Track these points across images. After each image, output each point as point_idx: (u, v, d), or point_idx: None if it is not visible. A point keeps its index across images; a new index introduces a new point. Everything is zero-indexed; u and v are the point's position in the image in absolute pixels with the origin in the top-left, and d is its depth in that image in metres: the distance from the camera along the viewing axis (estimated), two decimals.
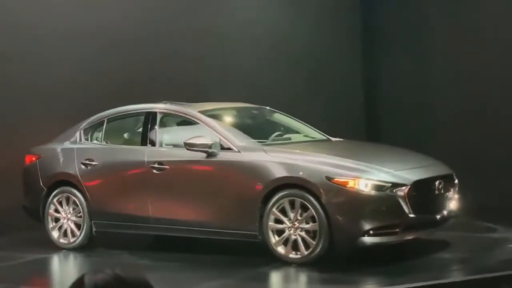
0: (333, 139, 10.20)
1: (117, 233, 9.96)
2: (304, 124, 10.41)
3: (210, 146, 9.07)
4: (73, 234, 10.05)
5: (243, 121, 10.21)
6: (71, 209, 10.08)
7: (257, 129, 10.03)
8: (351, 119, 13.57)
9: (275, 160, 8.76)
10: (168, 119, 9.89)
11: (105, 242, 10.10)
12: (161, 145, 9.65)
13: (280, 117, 10.49)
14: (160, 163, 9.42)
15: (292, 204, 8.54)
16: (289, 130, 10.27)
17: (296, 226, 8.51)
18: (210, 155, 9.10)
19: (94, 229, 9.95)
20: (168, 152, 9.51)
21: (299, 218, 8.49)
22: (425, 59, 12.95)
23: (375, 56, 13.91)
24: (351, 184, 8.33)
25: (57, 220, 10.18)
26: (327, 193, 8.34)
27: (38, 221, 10.37)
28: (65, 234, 10.10)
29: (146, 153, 9.60)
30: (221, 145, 9.14)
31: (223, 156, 9.06)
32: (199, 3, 12.71)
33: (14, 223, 10.86)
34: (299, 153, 8.89)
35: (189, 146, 9.17)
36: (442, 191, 8.84)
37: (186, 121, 9.81)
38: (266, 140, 9.56)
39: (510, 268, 8.14)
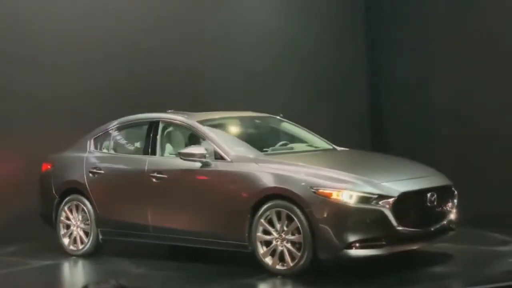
0: (339, 148, 10.11)
1: (123, 240, 10.09)
2: (311, 133, 10.33)
3: (203, 156, 9.09)
4: (82, 241, 10.24)
5: (246, 130, 10.18)
6: (80, 216, 10.27)
7: (260, 139, 10.01)
8: (356, 127, 13.40)
9: (264, 170, 8.71)
10: (170, 129, 9.94)
11: (110, 250, 10.26)
12: (161, 154, 9.73)
13: (287, 126, 10.43)
14: (159, 172, 9.50)
15: (279, 215, 8.48)
16: (294, 139, 10.23)
17: (282, 237, 8.45)
18: (204, 164, 9.12)
19: (100, 237, 10.11)
20: (167, 162, 9.57)
21: (285, 229, 8.43)
22: (429, 64, 12.72)
23: (380, 62, 13.74)
24: (335, 195, 8.20)
25: (68, 227, 10.39)
26: (311, 205, 8.24)
27: (52, 227, 10.59)
28: (75, 241, 10.30)
29: (147, 162, 9.70)
30: (216, 155, 9.16)
31: (216, 166, 9.07)
32: (204, 11, 12.74)
33: (31, 230, 11.05)
34: (289, 164, 8.80)
35: (183, 156, 9.23)
36: (435, 203, 8.61)
37: (189, 131, 9.85)
38: (267, 150, 9.55)
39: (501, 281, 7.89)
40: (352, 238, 8.14)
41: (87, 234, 10.20)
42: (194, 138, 9.72)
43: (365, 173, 8.69)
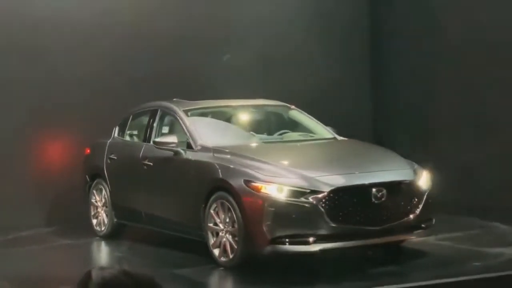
0: (340, 138, 9.78)
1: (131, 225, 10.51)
2: (318, 123, 10.05)
3: (175, 145, 9.22)
4: (104, 223, 10.75)
5: (240, 120, 10.12)
6: (103, 199, 10.77)
7: (255, 128, 9.96)
8: (360, 121, 12.79)
9: (216, 161, 8.71)
10: (166, 117, 10.11)
11: (128, 233, 10.67)
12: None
13: (295, 115, 10.22)
14: (148, 160, 9.76)
15: (223, 207, 8.46)
16: (297, 128, 10.07)
17: (226, 229, 8.43)
18: (175, 153, 9.26)
19: (114, 220, 10.56)
20: (155, 150, 9.74)
21: (227, 221, 8.39)
22: (433, 59, 12.16)
23: (383, 58, 13.32)
24: (264, 189, 8.05)
25: (96, 208, 10.94)
26: (243, 197, 8.16)
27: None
28: (100, 223, 10.84)
29: (142, 150, 9.99)
30: (189, 144, 9.25)
31: (185, 155, 9.18)
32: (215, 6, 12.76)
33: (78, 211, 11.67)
34: (239, 156, 8.68)
35: (156, 144, 9.43)
36: (383, 199, 8.11)
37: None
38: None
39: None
40: (280, 232, 7.97)
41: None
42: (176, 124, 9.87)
43: (312, 166, 8.50)
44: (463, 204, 10.68)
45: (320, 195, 7.91)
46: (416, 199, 8.41)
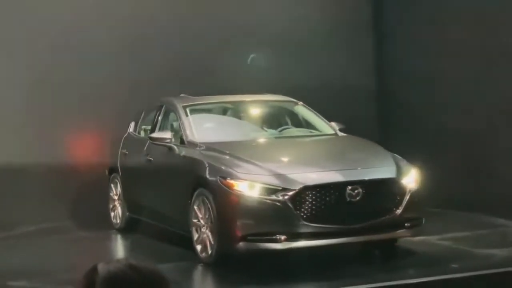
0: (340, 134, 9.59)
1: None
2: (321, 118, 9.88)
3: (169, 141, 9.26)
4: (119, 216, 10.90)
5: (239, 116, 10.05)
6: (118, 193, 10.92)
7: (257, 123, 9.90)
8: (364, 119, 12.44)
9: (200, 158, 8.72)
10: (170, 113, 10.14)
11: (136, 226, 10.77)
12: None
13: (300, 111, 10.09)
14: (150, 155, 9.85)
15: (204, 203, 8.45)
16: (298, 123, 9.95)
17: (206, 225, 8.43)
18: (170, 149, 9.31)
19: (127, 213, 10.68)
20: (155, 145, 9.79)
21: (207, 217, 8.39)
22: (435, 63, 11.86)
23: (388, 57, 12.99)
24: (236, 186, 8.01)
25: (114, 202, 11.11)
26: (217, 194, 8.15)
27: None
28: (116, 216, 11.01)
29: (146, 145, 10.07)
30: (182, 139, 9.28)
31: (178, 151, 9.21)
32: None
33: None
34: (220, 152, 8.65)
35: (151, 140, 9.50)
36: (358, 197, 7.91)
37: None
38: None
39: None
40: (251, 230, 7.94)
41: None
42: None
43: (291, 163, 8.50)
44: (475, 202, 10.33)
45: (291, 193, 7.81)
46: (398, 198, 8.17)
